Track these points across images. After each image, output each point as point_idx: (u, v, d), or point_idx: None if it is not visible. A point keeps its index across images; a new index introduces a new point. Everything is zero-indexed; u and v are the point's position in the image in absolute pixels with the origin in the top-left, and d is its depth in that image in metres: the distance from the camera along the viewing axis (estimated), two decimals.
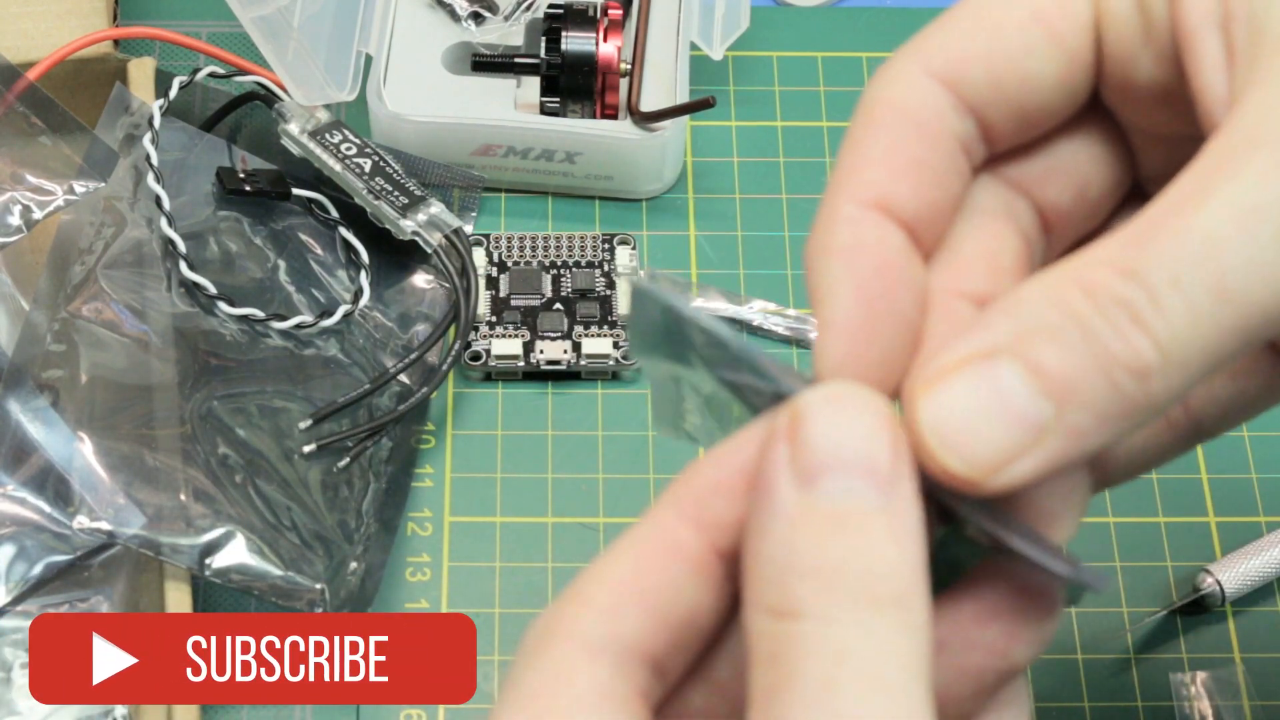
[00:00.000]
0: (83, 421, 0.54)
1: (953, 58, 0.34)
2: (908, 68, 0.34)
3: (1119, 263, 0.30)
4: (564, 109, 0.64)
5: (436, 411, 0.61)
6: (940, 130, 0.34)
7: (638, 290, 0.34)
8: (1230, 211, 0.29)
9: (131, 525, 0.53)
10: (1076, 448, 0.30)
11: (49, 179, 0.57)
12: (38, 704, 0.52)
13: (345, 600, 0.54)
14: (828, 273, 0.33)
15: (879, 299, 0.33)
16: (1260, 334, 0.30)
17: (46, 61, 0.59)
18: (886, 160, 0.34)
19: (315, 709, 0.55)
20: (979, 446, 0.30)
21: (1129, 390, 0.30)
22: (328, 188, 0.62)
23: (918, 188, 0.34)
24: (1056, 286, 0.30)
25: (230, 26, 0.66)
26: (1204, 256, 0.29)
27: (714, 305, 0.63)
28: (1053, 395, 0.30)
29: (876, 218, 0.33)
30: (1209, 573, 0.57)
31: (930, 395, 0.31)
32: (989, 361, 0.30)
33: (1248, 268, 0.29)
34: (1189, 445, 0.39)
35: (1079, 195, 0.36)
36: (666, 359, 0.34)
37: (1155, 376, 0.29)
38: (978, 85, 0.34)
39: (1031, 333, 0.30)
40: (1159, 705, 0.56)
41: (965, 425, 0.30)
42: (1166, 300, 0.29)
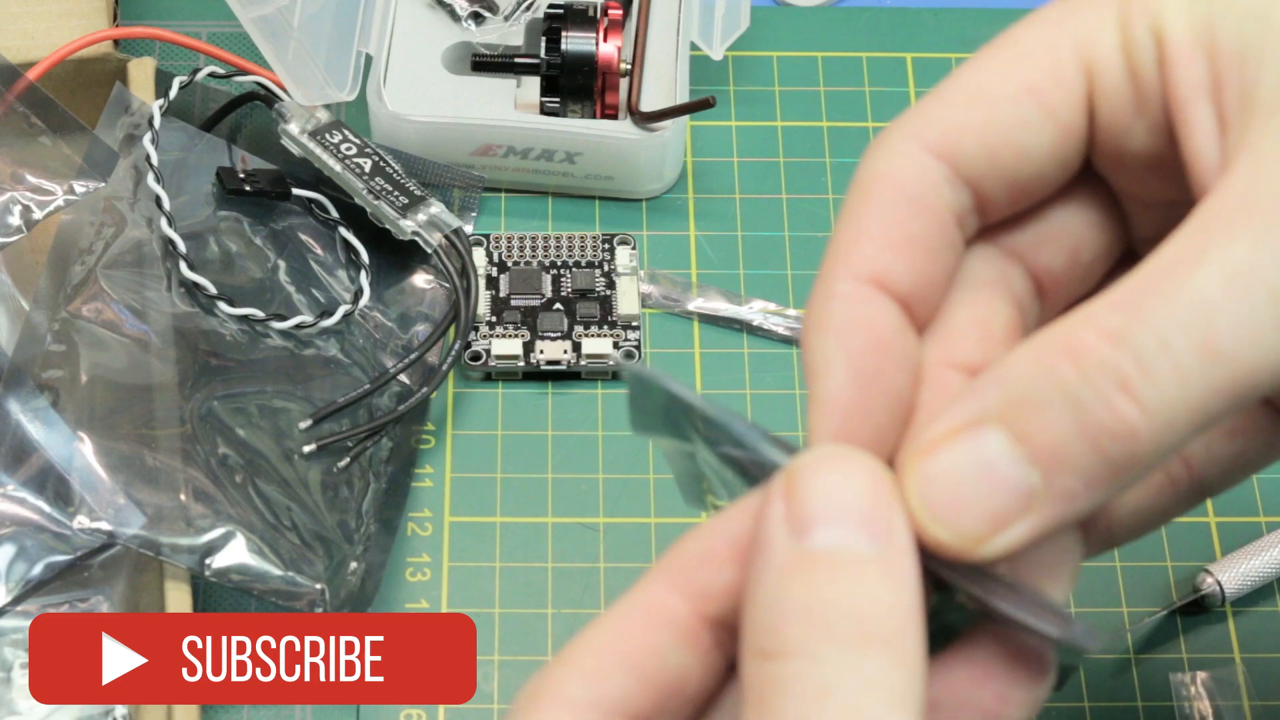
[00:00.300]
0: (83, 421, 0.54)
1: (947, 131, 0.35)
2: (902, 141, 0.35)
3: (1107, 327, 0.30)
4: (564, 109, 0.64)
5: (436, 411, 0.61)
6: (935, 205, 0.35)
7: (632, 376, 0.34)
8: (1221, 275, 0.30)
9: (131, 525, 0.53)
10: (1066, 512, 0.31)
11: (49, 179, 0.57)
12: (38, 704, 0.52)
13: (345, 600, 0.54)
14: (822, 350, 0.34)
15: (872, 376, 0.33)
16: (1249, 395, 0.30)
17: (46, 61, 0.59)
18: (882, 236, 0.34)
19: (315, 709, 0.55)
20: (967, 517, 0.31)
21: (1116, 454, 0.30)
22: (328, 188, 0.62)
23: (913, 263, 0.34)
24: (1043, 353, 0.30)
25: (230, 26, 0.66)
26: (1194, 319, 0.29)
27: (714, 305, 0.63)
28: (1039, 463, 0.30)
29: (871, 294, 0.34)
30: (1209, 573, 0.57)
31: (919, 466, 0.31)
32: (976, 431, 0.31)
33: (1238, 330, 0.29)
34: (1193, 503, 0.39)
35: (1072, 260, 0.37)
36: (668, 436, 0.35)
37: (1143, 439, 0.30)
38: (972, 158, 0.35)
39: (1018, 401, 0.30)
40: (1159, 705, 0.56)
41: (953, 496, 0.31)
42: (1154, 363, 0.29)
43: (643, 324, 0.62)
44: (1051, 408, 0.30)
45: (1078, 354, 0.30)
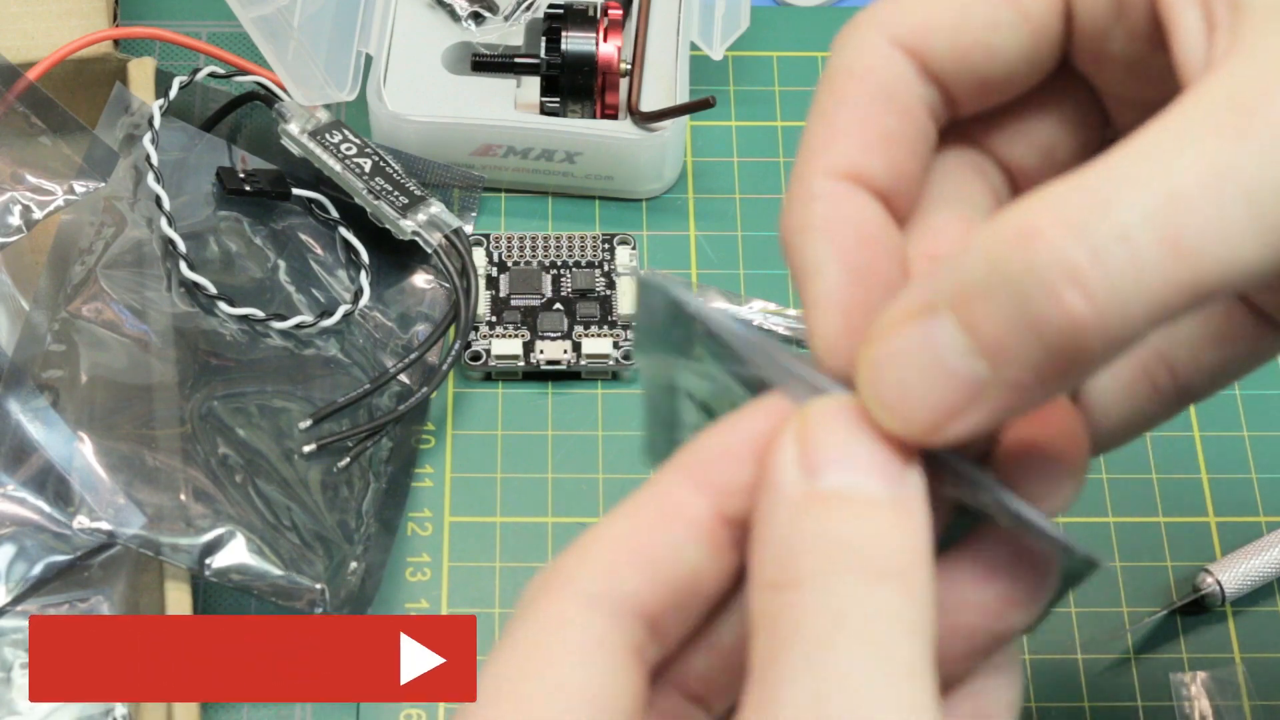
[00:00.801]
0: (83, 421, 0.54)
1: (916, 28, 0.34)
2: (871, 36, 0.34)
3: (1065, 211, 0.28)
4: (564, 109, 0.64)
5: (436, 411, 0.61)
6: (907, 99, 0.34)
7: (644, 283, 0.34)
8: (1198, 169, 0.28)
9: (131, 525, 0.53)
10: (1017, 402, 0.30)
11: (49, 179, 0.57)
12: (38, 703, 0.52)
13: (345, 600, 0.54)
14: (811, 249, 0.33)
15: (865, 271, 0.33)
16: (1210, 295, 0.29)
17: (46, 61, 0.59)
18: (857, 132, 0.34)
19: (315, 708, 0.55)
20: (916, 408, 0.30)
21: (1063, 348, 0.29)
22: (328, 188, 0.62)
23: (889, 158, 0.34)
24: (998, 237, 0.29)
25: (230, 26, 0.66)
26: (1162, 211, 0.28)
27: (714, 305, 0.63)
28: (987, 354, 0.29)
29: (852, 190, 0.33)
30: (1209, 573, 0.57)
31: (869, 354, 0.31)
32: (927, 318, 0.30)
33: (1208, 227, 0.28)
34: (1178, 409, 0.38)
35: (1046, 156, 0.36)
36: (671, 353, 0.34)
37: (1090, 334, 0.28)
38: (941, 56, 0.34)
39: (969, 288, 0.29)
40: (1159, 705, 0.56)
41: (901, 386, 0.30)
42: (1110, 255, 0.28)
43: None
44: (999, 298, 0.29)
45: (1030, 240, 0.28)
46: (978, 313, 0.29)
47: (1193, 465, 0.61)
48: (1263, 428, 0.62)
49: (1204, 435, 0.62)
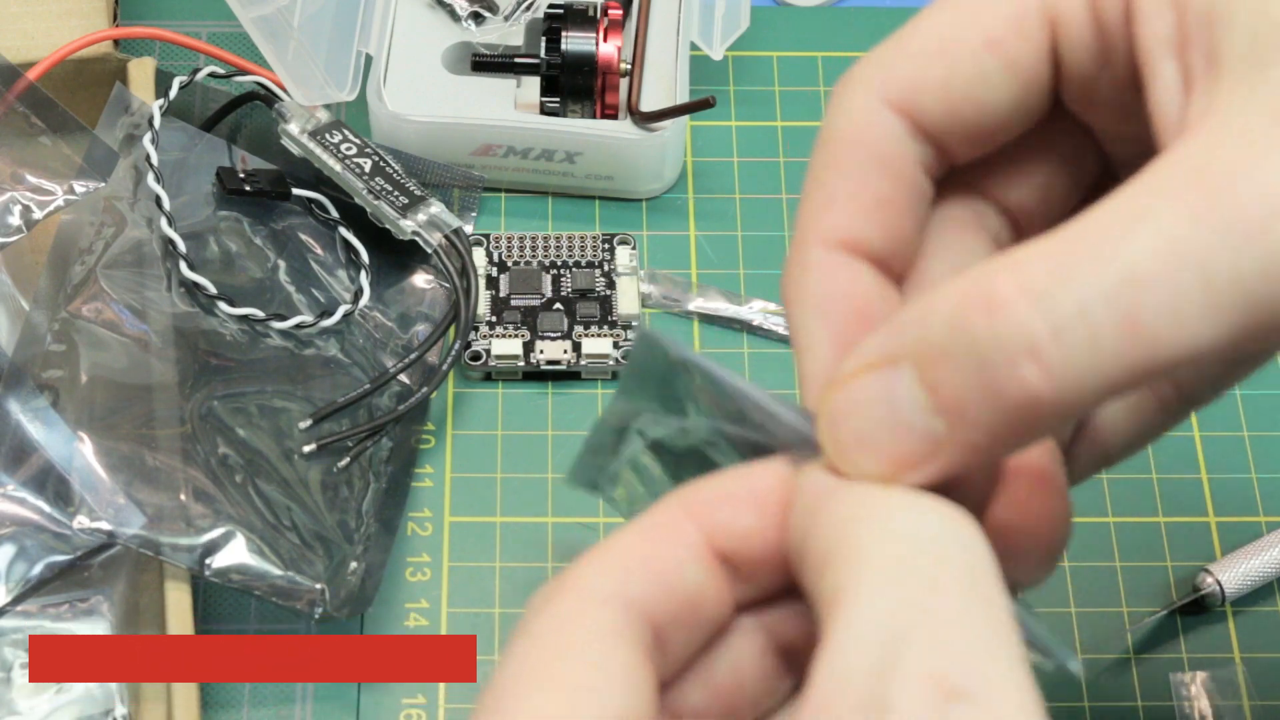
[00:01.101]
0: (83, 421, 0.54)
1: (906, 86, 0.34)
2: (863, 98, 0.35)
3: (1029, 281, 0.29)
4: (564, 109, 0.64)
5: (436, 411, 0.61)
6: (901, 161, 0.34)
7: (644, 337, 0.34)
8: (1155, 247, 0.28)
9: (131, 525, 0.53)
10: (972, 460, 0.30)
11: (49, 179, 0.57)
12: (38, 704, 0.52)
13: (345, 600, 0.54)
14: (804, 322, 0.34)
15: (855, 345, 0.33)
16: (1163, 374, 0.29)
17: (46, 61, 0.59)
18: (851, 199, 0.34)
19: (316, 707, 0.55)
20: (871, 458, 0.31)
21: (1018, 417, 0.29)
22: (328, 188, 0.62)
23: (884, 223, 0.34)
24: (964, 298, 0.29)
25: (230, 26, 0.66)
26: (1119, 290, 0.28)
27: (714, 305, 0.63)
28: (944, 413, 0.30)
29: (847, 260, 0.34)
30: (1209, 573, 0.57)
31: (830, 400, 0.31)
32: (889, 370, 0.30)
33: (1162, 309, 0.28)
34: (1184, 416, 0.39)
35: (1045, 196, 0.36)
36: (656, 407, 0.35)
37: (1046, 407, 0.29)
38: (932, 111, 0.34)
39: (931, 346, 0.30)
40: (1159, 705, 0.56)
41: (859, 434, 0.31)
42: (1069, 331, 0.28)
43: (642, 324, 0.62)
44: (959, 361, 0.29)
45: (993, 308, 0.29)
46: (939, 373, 0.29)
47: (1193, 465, 0.61)
48: (1263, 428, 0.62)
49: (1204, 435, 0.62)
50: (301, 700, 0.55)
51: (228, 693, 0.55)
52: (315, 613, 0.54)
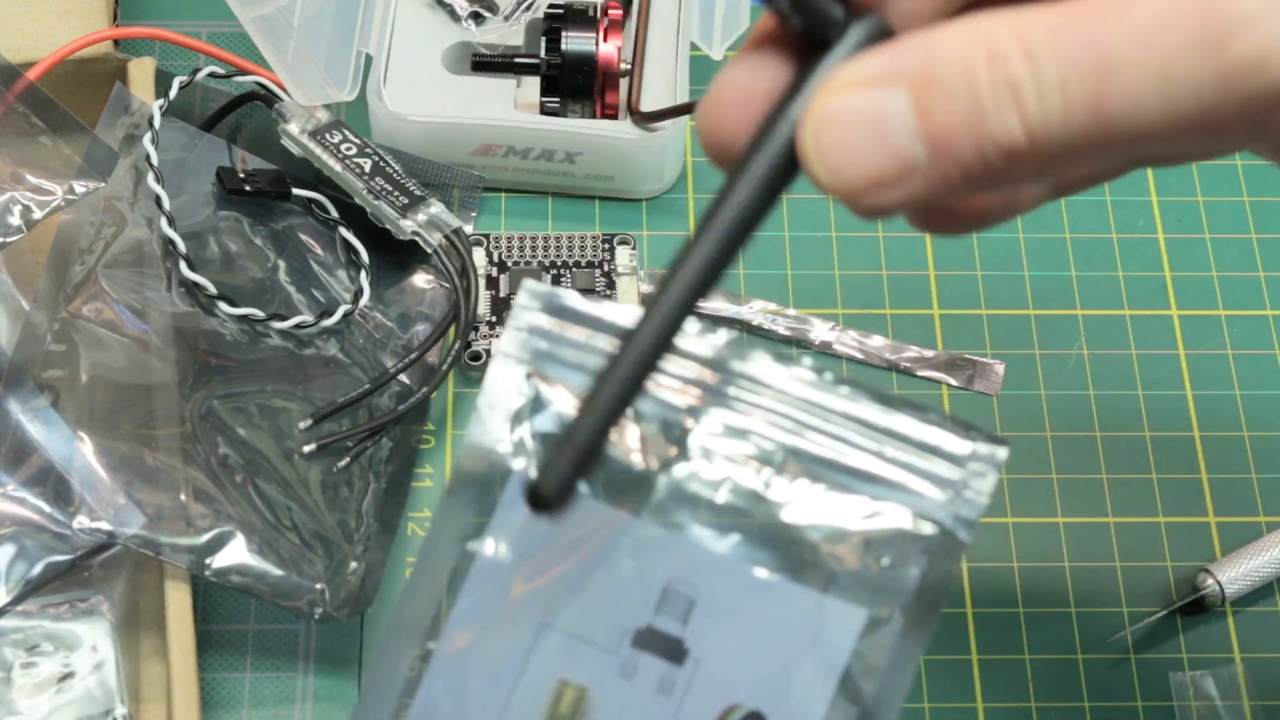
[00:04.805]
0: (83, 421, 0.54)
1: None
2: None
3: (1028, 44, 0.31)
4: (564, 109, 0.64)
5: (436, 411, 0.61)
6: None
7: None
8: (1133, 36, 0.31)
9: (131, 525, 0.53)
10: (938, 192, 0.32)
11: (49, 179, 0.57)
12: (38, 703, 0.52)
13: (345, 600, 0.54)
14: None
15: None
16: (1126, 152, 0.32)
17: (46, 61, 0.59)
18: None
19: (315, 706, 0.55)
20: (849, 168, 0.33)
21: (994, 160, 0.32)
22: (328, 188, 0.62)
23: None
24: (972, 43, 0.32)
25: (230, 26, 0.66)
26: (1093, 70, 0.31)
27: (714, 305, 0.63)
28: (928, 142, 0.32)
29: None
30: (1209, 573, 0.57)
31: (823, 102, 0.33)
32: (887, 87, 0.32)
33: (1125, 93, 0.31)
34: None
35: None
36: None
37: (1021, 157, 0.31)
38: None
39: (934, 77, 0.32)
40: (1159, 705, 0.56)
41: (843, 144, 0.33)
42: (1048, 97, 0.31)
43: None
44: (957, 96, 0.32)
45: (995, 58, 0.31)
46: (935, 102, 0.32)
47: (1193, 465, 0.61)
48: (1263, 428, 0.62)
49: (1204, 435, 0.62)
50: (301, 700, 0.55)
51: (228, 692, 0.55)
52: (315, 613, 0.54)
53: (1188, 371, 0.63)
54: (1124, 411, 0.62)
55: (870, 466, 0.39)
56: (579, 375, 0.40)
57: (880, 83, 0.32)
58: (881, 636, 0.39)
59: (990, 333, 0.63)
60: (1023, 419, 0.62)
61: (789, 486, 0.39)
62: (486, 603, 0.39)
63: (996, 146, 0.31)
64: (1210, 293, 0.65)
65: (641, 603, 0.39)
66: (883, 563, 0.39)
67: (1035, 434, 0.61)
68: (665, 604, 0.39)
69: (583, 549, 0.39)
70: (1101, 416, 0.62)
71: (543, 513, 0.34)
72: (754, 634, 0.39)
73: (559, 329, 0.40)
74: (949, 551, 0.39)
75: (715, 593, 0.39)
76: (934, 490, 0.39)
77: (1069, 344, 0.64)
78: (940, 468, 0.39)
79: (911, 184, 0.32)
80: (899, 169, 0.32)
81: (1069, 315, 0.64)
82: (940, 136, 0.32)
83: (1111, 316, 0.64)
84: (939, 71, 0.32)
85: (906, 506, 0.39)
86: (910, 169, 0.32)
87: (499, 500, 0.39)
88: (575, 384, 0.40)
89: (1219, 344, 0.64)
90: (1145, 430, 0.62)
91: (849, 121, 0.33)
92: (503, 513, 0.39)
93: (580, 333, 0.40)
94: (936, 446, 0.39)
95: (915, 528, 0.39)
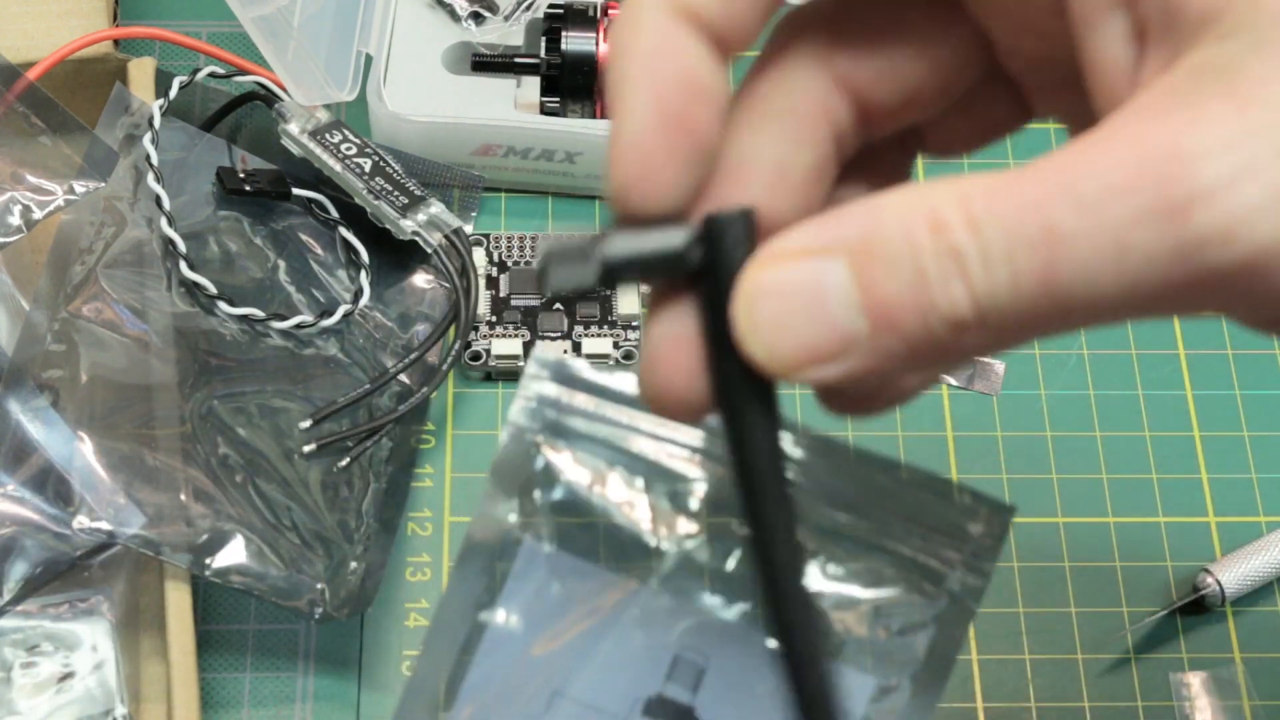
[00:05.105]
0: (83, 421, 0.54)
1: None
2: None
3: (971, 212, 0.30)
4: (564, 109, 0.64)
5: (436, 411, 0.61)
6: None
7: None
8: (1082, 207, 0.29)
9: (131, 525, 0.53)
10: (881, 367, 0.31)
11: (49, 179, 0.57)
12: (38, 703, 0.52)
13: (345, 600, 0.54)
14: (629, 84, 0.32)
15: (678, 117, 0.32)
16: (1079, 327, 0.30)
17: (46, 61, 0.59)
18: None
19: (315, 706, 0.55)
20: (785, 343, 0.31)
21: (940, 335, 0.30)
22: (328, 188, 0.62)
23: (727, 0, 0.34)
24: (914, 212, 0.30)
25: (230, 26, 0.66)
26: (1043, 242, 0.29)
27: None
28: (870, 315, 0.30)
29: (683, 27, 0.33)
30: (1209, 573, 0.57)
31: (755, 277, 0.31)
32: (823, 258, 0.31)
33: (1077, 266, 0.29)
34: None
35: (909, 98, 0.36)
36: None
37: (969, 331, 0.30)
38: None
39: (875, 247, 0.30)
40: (1159, 705, 0.56)
41: (779, 318, 0.31)
42: (995, 270, 0.29)
43: (643, 324, 0.62)
44: (899, 267, 0.30)
45: (938, 227, 0.30)
46: (877, 273, 0.30)
47: (1193, 465, 0.61)
48: (1263, 428, 0.62)
49: (1204, 435, 0.62)
50: (301, 700, 0.55)
51: (228, 692, 0.55)
52: (315, 613, 0.54)
53: (1188, 371, 0.63)
54: (1124, 411, 0.62)
55: (878, 535, 0.39)
56: (588, 444, 0.39)
57: (817, 253, 0.31)
58: (890, 704, 0.39)
59: None
60: (1023, 419, 0.62)
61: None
62: (499, 673, 0.39)
63: (942, 319, 0.30)
64: None
65: (652, 671, 0.39)
66: (891, 631, 0.39)
67: (1035, 434, 0.61)
68: (676, 672, 0.39)
69: (593, 618, 0.39)
70: (1101, 416, 0.62)
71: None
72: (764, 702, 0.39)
73: (568, 398, 0.39)
74: (957, 619, 0.39)
75: (725, 661, 0.39)
76: (942, 558, 0.39)
77: (1069, 344, 0.64)
78: (948, 536, 0.39)
79: (853, 359, 0.31)
80: (839, 342, 0.31)
81: None
82: (882, 309, 0.30)
83: None
84: (879, 240, 0.30)
85: (915, 575, 0.39)
86: (851, 343, 0.30)
87: (510, 569, 0.39)
88: (584, 453, 0.39)
89: (1219, 344, 0.64)
90: (1145, 430, 0.62)
91: (784, 293, 0.31)
92: (514, 582, 0.39)
93: (589, 401, 0.39)
94: (944, 514, 0.39)
95: (924, 596, 0.39)
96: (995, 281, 0.29)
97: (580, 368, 0.39)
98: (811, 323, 0.31)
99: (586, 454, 0.39)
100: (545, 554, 0.38)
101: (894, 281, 0.30)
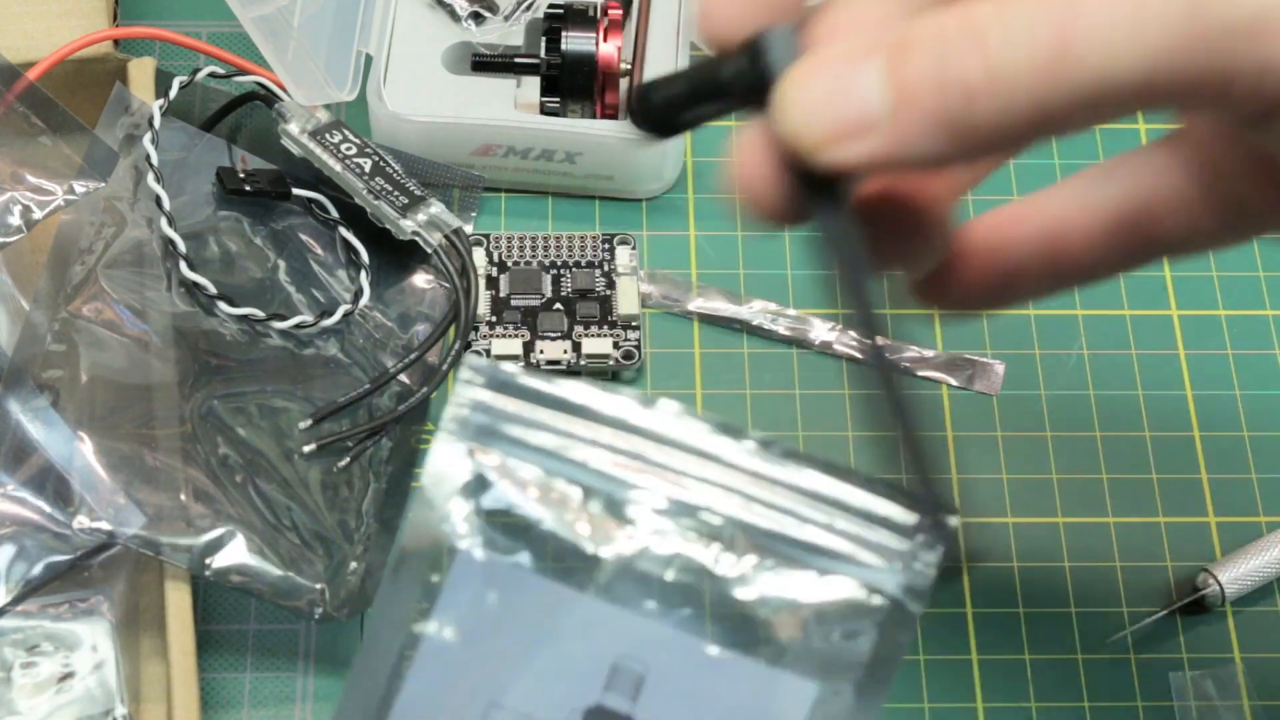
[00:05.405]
0: (83, 421, 0.54)
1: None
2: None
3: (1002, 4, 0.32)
4: (564, 109, 0.64)
5: (436, 411, 0.61)
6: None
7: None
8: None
9: (131, 525, 0.53)
10: (900, 150, 0.33)
11: (49, 179, 0.57)
12: (38, 703, 0.52)
13: (345, 600, 0.54)
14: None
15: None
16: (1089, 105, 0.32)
17: (46, 61, 0.59)
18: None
19: (315, 706, 0.55)
20: (813, 119, 0.34)
21: (955, 109, 0.32)
22: (328, 188, 0.62)
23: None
24: (947, 16, 0.33)
25: (230, 26, 0.66)
26: (1061, 11, 0.31)
27: (714, 305, 0.63)
28: (894, 90, 0.33)
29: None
30: (1209, 573, 0.57)
31: (798, 70, 0.34)
32: (862, 58, 0.33)
33: (1093, 31, 0.31)
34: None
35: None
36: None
37: (980, 103, 0.32)
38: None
39: (908, 42, 0.33)
40: (1159, 705, 0.56)
41: (811, 99, 0.34)
42: (1013, 44, 0.32)
43: (643, 324, 0.62)
44: (924, 50, 0.33)
45: (968, 18, 0.32)
46: (907, 58, 0.33)
47: (1193, 465, 0.61)
48: (1263, 428, 0.62)
49: (1204, 435, 0.62)
50: (301, 700, 0.55)
51: (228, 692, 0.55)
52: (315, 613, 0.54)
53: (1188, 371, 0.63)
54: (1124, 411, 0.62)
55: (819, 539, 0.38)
56: (525, 451, 0.39)
57: (858, 56, 0.33)
58: (833, 710, 0.38)
59: (990, 333, 0.63)
60: (1023, 419, 0.62)
61: (738, 561, 0.39)
62: (434, 685, 0.39)
63: (958, 89, 0.32)
64: (1210, 293, 0.65)
65: (590, 680, 0.39)
66: (833, 636, 0.39)
67: (1035, 434, 0.61)
68: (614, 681, 0.39)
69: (530, 627, 0.39)
70: (1101, 416, 0.62)
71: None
72: (704, 709, 0.38)
73: (501, 404, 0.39)
74: (900, 623, 0.38)
75: (665, 669, 0.39)
76: (883, 562, 0.38)
77: (1069, 344, 0.64)
78: (889, 539, 0.38)
79: (875, 138, 0.33)
80: (863, 119, 0.33)
81: (1069, 315, 0.64)
82: (903, 85, 0.33)
83: (1111, 316, 0.64)
84: (914, 36, 0.33)
85: (856, 579, 0.38)
86: (874, 119, 0.33)
87: (445, 580, 0.39)
88: (521, 460, 0.39)
89: (1219, 344, 0.64)
90: (1145, 430, 0.62)
91: (823, 82, 0.34)
92: (449, 593, 0.39)
93: (523, 407, 0.39)
94: (885, 518, 0.38)
95: (866, 600, 0.38)
96: (1012, 47, 0.32)
97: (515, 373, 0.39)
98: (837, 99, 0.33)
99: (523, 461, 0.39)
100: (480, 563, 0.38)
101: (919, 59, 0.33)
